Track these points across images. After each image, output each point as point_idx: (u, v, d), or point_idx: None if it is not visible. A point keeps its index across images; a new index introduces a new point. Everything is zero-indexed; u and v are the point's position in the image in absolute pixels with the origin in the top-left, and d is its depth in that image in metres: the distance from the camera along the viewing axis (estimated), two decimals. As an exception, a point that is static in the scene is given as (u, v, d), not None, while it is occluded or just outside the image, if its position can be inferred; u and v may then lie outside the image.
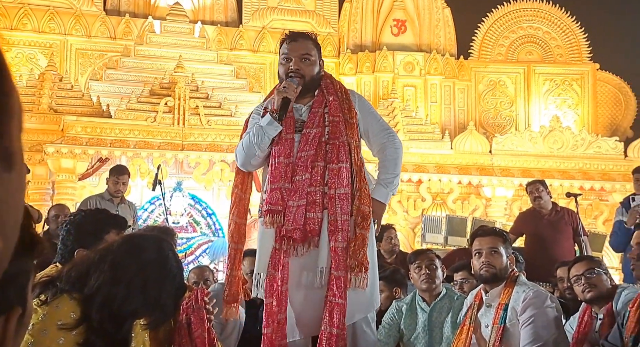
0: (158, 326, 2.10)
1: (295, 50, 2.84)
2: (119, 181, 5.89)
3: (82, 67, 11.88)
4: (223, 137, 10.22)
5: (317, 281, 2.68)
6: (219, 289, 3.92)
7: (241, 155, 2.86)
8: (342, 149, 2.76)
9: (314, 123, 2.80)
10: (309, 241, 2.70)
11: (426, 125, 11.66)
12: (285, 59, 2.85)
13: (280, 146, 2.77)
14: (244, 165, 2.89)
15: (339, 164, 2.74)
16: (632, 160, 11.32)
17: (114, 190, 5.91)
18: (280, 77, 2.87)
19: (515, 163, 11.37)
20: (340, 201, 2.71)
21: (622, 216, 5.49)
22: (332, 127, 2.79)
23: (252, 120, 2.93)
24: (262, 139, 2.76)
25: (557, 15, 13.30)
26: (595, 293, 3.23)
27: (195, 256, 9.88)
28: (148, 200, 10.13)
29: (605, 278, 3.28)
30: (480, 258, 3.17)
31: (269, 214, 2.72)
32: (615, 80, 13.33)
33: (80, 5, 11.97)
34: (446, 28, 13.07)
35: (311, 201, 2.71)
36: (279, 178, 2.74)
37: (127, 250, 1.98)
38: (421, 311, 3.71)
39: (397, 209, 11.01)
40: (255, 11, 12.81)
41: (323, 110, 2.83)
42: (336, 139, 2.77)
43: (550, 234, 5.83)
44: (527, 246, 6.09)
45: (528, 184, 6.26)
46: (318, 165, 2.75)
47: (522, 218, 6.34)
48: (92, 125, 9.91)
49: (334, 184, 2.72)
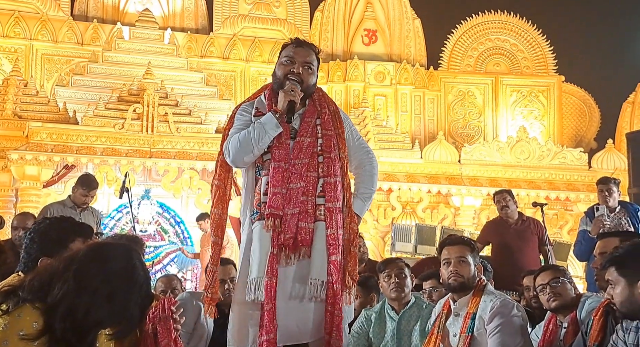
0: (124, 336, 2.06)
1: (301, 56, 2.86)
2: (88, 195, 5.72)
3: (48, 73, 11.69)
4: (192, 144, 10.14)
5: (308, 292, 2.67)
6: (187, 298, 3.88)
7: (235, 150, 2.76)
8: (336, 163, 2.80)
9: (307, 132, 2.81)
10: (299, 251, 2.70)
11: (396, 135, 11.75)
12: (288, 61, 2.86)
13: (281, 150, 2.76)
14: (236, 161, 2.79)
15: (335, 178, 2.77)
16: (596, 171, 11.57)
17: (81, 202, 5.74)
18: (278, 77, 2.86)
19: (483, 173, 11.52)
20: (336, 215, 2.74)
21: (586, 225, 5.58)
22: (325, 140, 2.81)
23: (242, 118, 2.87)
24: (262, 138, 2.73)
25: (524, 28, 13.56)
26: (560, 302, 3.29)
27: (162, 265, 9.77)
28: (115, 208, 9.99)
29: (569, 287, 3.35)
30: (448, 267, 3.20)
31: (271, 217, 2.69)
32: (580, 92, 13.63)
33: (47, 10, 11.80)
34: (416, 39, 13.22)
35: (303, 210, 2.71)
36: (280, 183, 2.71)
37: (92, 259, 1.94)
38: (390, 319, 3.72)
39: (367, 218, 11.05)
40: (226, 19, 12.78)
41: (315, 121, 2.85)
42: (330, 152, 2.80)
43: (516, 243, 5.90)
44: (494, 255, 6.16)
45: (495, 194, 6.33)
46: (311, 175, 2.76)
47: (489, 227, 6.40)
48: (57, 131, 9.75)
49: (331, 197, 2.74)
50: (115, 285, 1.91)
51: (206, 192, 10.47)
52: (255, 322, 2.68)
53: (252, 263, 2.69)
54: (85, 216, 5.65)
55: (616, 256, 2.48)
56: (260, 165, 2.80)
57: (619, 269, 2.43)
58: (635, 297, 2.37)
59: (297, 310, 2.69)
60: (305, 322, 2.69)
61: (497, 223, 6.25)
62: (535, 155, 11.75)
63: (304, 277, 2.69)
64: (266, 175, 2.75)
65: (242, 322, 2.73)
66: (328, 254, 2.70)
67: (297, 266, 2.70)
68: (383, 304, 3.81)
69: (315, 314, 2.70)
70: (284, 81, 2.82)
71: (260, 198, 2.73)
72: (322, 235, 2.70)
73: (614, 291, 2.44)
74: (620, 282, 2.41)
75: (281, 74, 2.86)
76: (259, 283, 2.64)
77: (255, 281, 2.65)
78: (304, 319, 2.69)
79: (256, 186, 2.78)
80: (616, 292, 2.43)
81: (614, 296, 2.46)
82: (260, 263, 2.66)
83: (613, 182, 5.61)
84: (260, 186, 2.76)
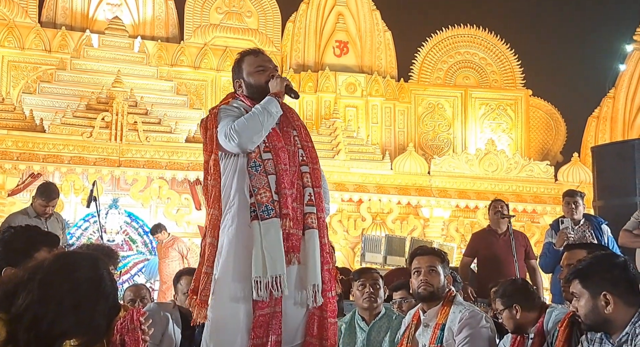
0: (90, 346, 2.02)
1: (269, 62, 2.97)
2: (48, 205, 5.54)
3: (15, 80, 11.49)
4: (162, 153, 10.05)
5: (306, 297, 2.69)
6: (154, 309, 3.83)
7: (244, 129, 2.69)
8: (319, 174, 2.88)
9: (290, 142, 2.85)
10: (290, 257, 2.70)
11: (367, 146, 11.81)
12: (261, 68, 2.92)
13: (284, 154, 2.78)
14: (245, 143, 2.70)
15: (319, 190, 2.84)
16: (562, 184, 11.78)
17: (41, 212, 5.56)
18: (259, 85, 2.89)
19: (452, 184, 11.63)
20: (325, 224, 2.84)
21: (551, 238, 5.65)
22: (307, 151, 2.88)
23: (231, 111, 2.84)
24: (268, 119, 2.75)
25: (493, 42, 13.78)
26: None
27: (130, 275, 9.63)
28: (82, 217, 9.83)
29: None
30: (418, 276, 3.22)
31: (287, 218, 2.69)
32: (547, 106, 13.88)
33: (14, 17, 11.61)
34: (387, 51, 13.34)
35: (293, 217, 2.72)
36: (289, 185, 2.74)
37: (58, 268, 1.90)
38: (360, 330, 3.72)
39: (337, 229, 11.06)
40: (197, 28, 12.74)
41: (292, 132, 2.88)
42: (316, 163, 2.88)
43: (505, 253, 5.89)
44: (481, 265, 6.16)
45: (493, 200, 6.34)
46: (297, 183, 2.79)
47: (477, 237, 6.34)
48: (23, 139, 9.58)
49: (320, 207, 2.81)
50: (82, 295, 1.87)
51: (175, 202, 10.38)
52: (245, 326, 2.62)
53: (271, 259, 2.61)
54: (51, 224, 5.54)
55: (579, 268, 2.51)
56: (259, 162, 2.74)
57: (582, 281, 2.46)
58: (599, 310, 2.40)
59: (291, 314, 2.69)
60: (296, 327, 2.71)
61: (485, 233, 6.23)
62: (503, 167, 11.92)
63: (296, 283, 2.70)
64: (272, 174, 2.73)
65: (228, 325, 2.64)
66: (323, 262, 2.74)
67: (287, 271, 2.69)
68: (353, 315, 3.81)
69: (304, 319, 2.72)
70: (267, 87, 2.86)
71: (272, 196, 2.70)
72: (316, 243, 2.74)
73: (579, 303, 2.48)
74: (584, 295, 2.45)
75: (261, 81, 2.89)
76: (282, 280, 2.60)
77: (279, 278, 2.60)
78: (295, 323, 2.71)
79: (252, 181, 2.72)
80: (580, 304, 2.46)
81: (578, 308, 2.49)
82: (282, 260, 2.63)
83: (579, 195, 5.69)
84: (268, 184, 2.72)
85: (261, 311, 2.61)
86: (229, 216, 2.74)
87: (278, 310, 2.64)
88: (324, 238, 2.78)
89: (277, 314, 2.63)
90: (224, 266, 2.70)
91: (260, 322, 2.62)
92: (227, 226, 2.73)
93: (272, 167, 2.73)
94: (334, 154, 11.31)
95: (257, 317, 2.61)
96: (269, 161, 2.74)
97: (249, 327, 2.63)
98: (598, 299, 2.41)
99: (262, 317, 2.62)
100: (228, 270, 2.68)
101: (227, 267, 2.69)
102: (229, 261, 2.69)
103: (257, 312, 2.61)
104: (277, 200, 2.70)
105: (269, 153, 2.76)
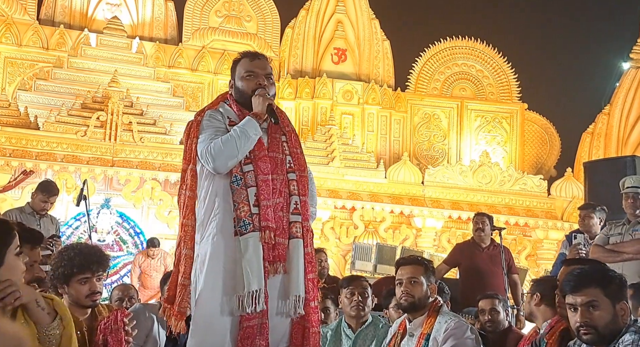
0: None
1: (261, 69, 2.84)
2: (48, 201, 5.66)
3: (11, 77, 11.46)
4: (156, 155, 10.02)
5: (290, 307, 2.66)
6: (140, 310, 3.80)
7: (220, 154, 2.65)
8: (306, 182, 2.82)
9: (278, 148, 2.80)
10: (276, 266, 2.67)
11: (362, 154, 11.81)
12: (251, 75, 2.82)
13: (265, 163, 2.73)
14: (220, 167, 2.67)
15: (306, 198, 2.79)
16: (555, 198, 11.81)
17: (40, 208, 5.66)
18: (245, 91, 2.82)
19: (445, 195, 11.64)
20: (310, 233, 2.78)
21: (565, 248, 5.60)
22: (295, 158, 2.82)
23: (212, 124, 2.78)
24: (245, 143, 2.69)
25: (490, 55, 13.84)
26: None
27: (119, 276, 9.59)
28: (73, 216, 9.78)
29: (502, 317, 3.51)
30: (400, 287, 3.21)
31: (267, 230, 2.65)
32: (542, 120, 13.93)
33: (12, 13, 11.59)
34: (385, 60, 13.37)
35: (279, 226, 2.69)
36: (270, 195, 2.69)
37: None
38: (346, 337, 3.70)
39: (329, 236, 11.05)
40: (196, 30, 12.74)
41: (281, 138, 2.83)
42: (304, 171, 2.83)
43: (487, 266, 5.87)
44: (463, 277, 6.13)
45: (476, 214, 6.32)
46: (284, 191, 2.75)
47: (460, 249, 6.30)
48: (17, 136, 9.55)
49: (306, 216, 2.77)
50: None
51: (167, 204, 10.34)
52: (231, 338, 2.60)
53: (249, 275, 2.61)
54: (44, 223, 5.59)
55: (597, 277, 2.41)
56: (240, 175, 2.72)
57: (604, 289, 2.36)
58: (618, 319, 2.34)
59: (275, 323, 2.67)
60: (280, 336, 2.69)
61: (468, 245, 6.20)
62: (497, 180, 11.93)
63: (280, 292, 2.68)
64: (252, 186, 2.69)
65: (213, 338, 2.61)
66: (306, 271, 2.71)
67: (273, 280, 2.67)
68: (340, 322, 3.80)
69: (288, 328, 2.70)
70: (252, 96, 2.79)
71: (250, 209, 2.67)
72: (300, 252, 2.70)
73: (595, 312, 2.35)
74: (604, 303, 2.34)
75: (247, 89, 2.82)
76: (259, 295, 2.59)
77: (257, 293, 2.59)
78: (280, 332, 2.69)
79: (234, 196, 2.70)
80: (598, 314, 2.34)
81: (591, 319, 2.35)
82: (260, 275, 2.62)
83: (593, 208, 5.53)
84: (247, 197, 2.69)
85: (248, 323, 2.60)
86: (210, 226, 2.71)
87: (265, 320, 2.62)
88: (308, 247, 2.75)
89: (264, 325, 2.62)
90: (207, 280, 2.67)
91: (247, 333, 2.59)
92: (209, 236, 2.69)
93: (252, 179, 2.70)
94: (329, 160, 11.31)
95: (244, 328, 2.59)
96: (250, 173, 2.71)
97: (235, 339, 2.61)
98: (617, 308, 2.34)
99: (249, 328, 2.60)
100: (213, 283, 2.66)
101: (210, 280, 2.67)
102: (212, 274, 2.67)
103: (244, 324, 2.59)
104: (256, 213, 2.67)
105: (249, 164, 2.72)
